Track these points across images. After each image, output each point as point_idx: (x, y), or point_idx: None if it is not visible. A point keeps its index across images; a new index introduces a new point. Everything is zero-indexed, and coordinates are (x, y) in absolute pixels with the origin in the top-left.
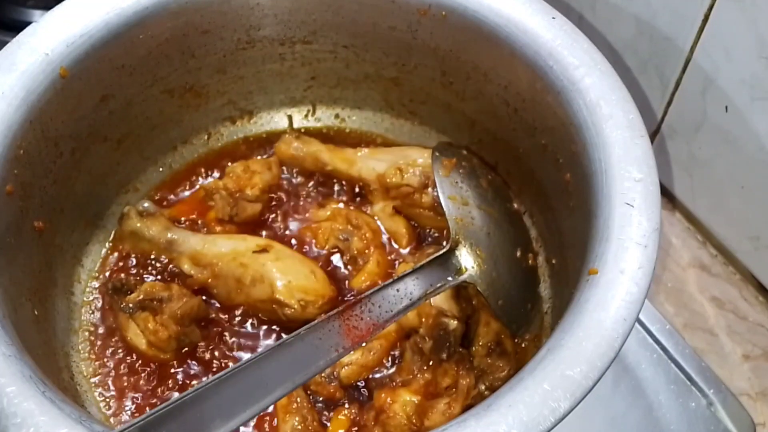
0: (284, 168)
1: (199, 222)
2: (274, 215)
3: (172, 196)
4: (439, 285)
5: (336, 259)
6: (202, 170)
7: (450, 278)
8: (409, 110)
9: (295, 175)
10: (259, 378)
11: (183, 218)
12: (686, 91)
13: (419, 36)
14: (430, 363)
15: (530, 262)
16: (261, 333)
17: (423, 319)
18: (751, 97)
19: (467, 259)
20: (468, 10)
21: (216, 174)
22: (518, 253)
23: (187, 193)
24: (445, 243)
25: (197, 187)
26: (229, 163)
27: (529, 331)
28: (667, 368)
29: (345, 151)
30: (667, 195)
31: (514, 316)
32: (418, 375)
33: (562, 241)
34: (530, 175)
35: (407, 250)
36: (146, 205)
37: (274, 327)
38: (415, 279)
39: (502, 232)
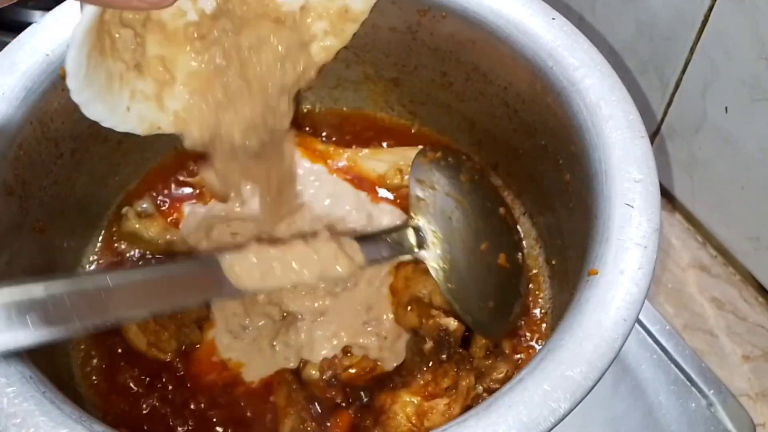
0: None
1: None
2: None
3: (172, 197)
4: (386, 256)
5: None
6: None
7: (395, 252)
8: (409, 111)
9: None
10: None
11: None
12: (686, 91)
13: (419, 37)
14: (430, 364)
15: (501, 261)
16: None
17: (423, 320)
18: (751, 98)
19: (422, 238)
20: (468, 11)
21: None
22: (483, 247)
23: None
24: None
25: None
26: None
27: (491, 333)
28: (667, 369)
29: (345, 152)
30: (666, 196)
31: (468, 307)
32: (418, 376)
33: (562, 242)
34: (530, 176)
35: None
36: (145, 206)
37: None
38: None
39: (467, 222)
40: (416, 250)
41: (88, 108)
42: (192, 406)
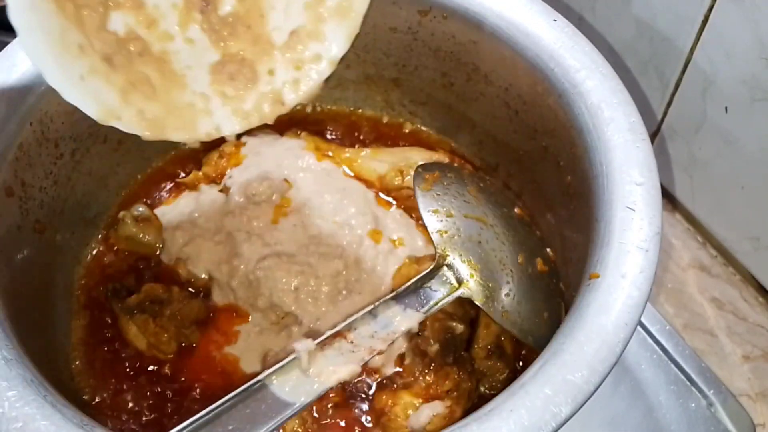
0: None
1: None
2: None
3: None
4: (428, 307)
5: None
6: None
7: (439, 297)
8: (410, 111)
9: None
10: (227, 427)
11: None
12: (686, 91)
13: (420, 37)
14: (432, 366)
15: (539, 267)
16: None
17: (428, 322)
18: (751, 98)
19: (459, 272)
20: (469, 11)
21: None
22: (520, 259)
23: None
24: None
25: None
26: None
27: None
28: (667, 369)
29: (346, 151)
30: (667, 196)
31: (527, 327)
32: (420, 377)
33: (563, 245)
34: (531, 178)
35: None
36: (141, 209)
37: None
38: (399, 305)
39: (497, 239)
40: (457, 288)
41: (26, 38)
42: (193, 407)
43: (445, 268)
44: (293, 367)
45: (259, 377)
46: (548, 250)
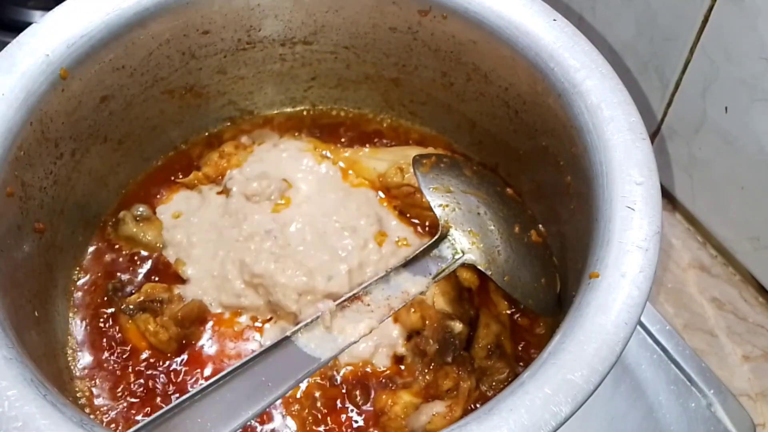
0: None
1: None
2: None
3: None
4: (436, 273)
5: None
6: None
7: (445, 264)
8: (410, 111)
9: None
10: (259, 378)
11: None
12: (686, 91)
13: (420, 37)
14: (431, 365)
15: (534, 238)
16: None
17: (427, 322)
18: (751, 98)
19: (462, 242)
20: (469, 11)
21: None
22: (516, 230)
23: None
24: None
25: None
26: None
27: (547, 310)
28: (667, 369)
29: (346, 151)
30: (667, 196)
31: (527, 291)
32: (419, 377)
33: (563, 244)
34: (531, 177)
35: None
36: (141, 209)
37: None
38: (409, 272)
39: (493, 212)
40: (460, 255)
41: None
42: None
43: (449, 237)
44: (317, 325)
45: (287, 333)
46: (540, 226)
